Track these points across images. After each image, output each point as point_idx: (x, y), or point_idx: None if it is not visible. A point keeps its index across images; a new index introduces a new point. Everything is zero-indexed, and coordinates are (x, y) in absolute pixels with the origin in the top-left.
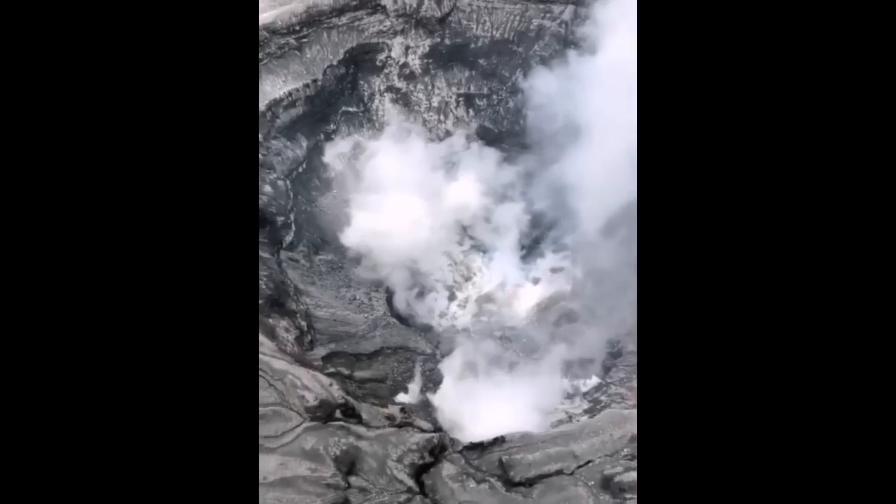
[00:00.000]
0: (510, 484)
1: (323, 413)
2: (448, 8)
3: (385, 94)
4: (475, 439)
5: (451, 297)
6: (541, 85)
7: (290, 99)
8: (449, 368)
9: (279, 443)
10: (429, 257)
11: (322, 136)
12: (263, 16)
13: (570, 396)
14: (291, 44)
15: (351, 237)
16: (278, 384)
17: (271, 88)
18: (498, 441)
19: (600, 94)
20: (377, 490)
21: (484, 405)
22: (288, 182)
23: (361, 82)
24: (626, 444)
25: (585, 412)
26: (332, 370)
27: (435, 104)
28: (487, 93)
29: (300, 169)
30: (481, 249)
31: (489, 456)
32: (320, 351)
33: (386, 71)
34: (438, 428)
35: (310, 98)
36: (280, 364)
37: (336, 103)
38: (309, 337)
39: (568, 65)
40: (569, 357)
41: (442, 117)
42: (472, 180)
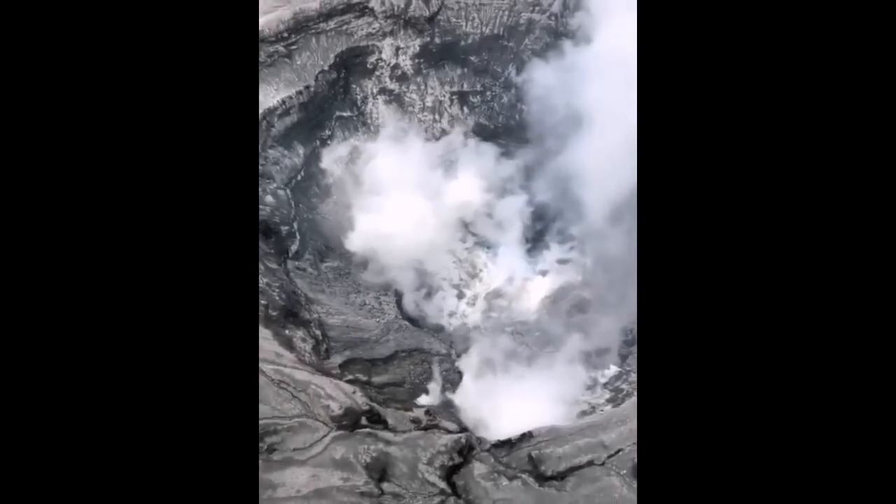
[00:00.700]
0: (542, 478)
1: (349, 421)
2: (436, 7)
3: (378, 97)
4: (501, 436)
5: (460, 296)
6: (538, 77)
7: (284, 107)
8: (466, 367)
9: (308, 454)
10: (434, 257)
11: (318, 143)
12: None
13: (591, 387)
14: (281, 51)
15: (355, 242)
16: (301, 395)
17: (264, 97)
18: (526, 437)
19: (599, 83)
20: (410, 494)
21: (506, 401)
22: (288, 191)
23: (353, 86)
24: None
25: (608, 401)
26: (351, 377)
27: (429, 104)
28: (481, 89)
29: (298, 177)
30: (486, 245)
31: (518, 452)
32: (337, 359)
33: (377, 73)
34: (464, 428)
35: (303, 105)
36: (302, 375)
37: (330, 109)
38: (324, 346)
39: (564, 55)
40: (585, 347)
41: (437, 116)
42: (472, 177)
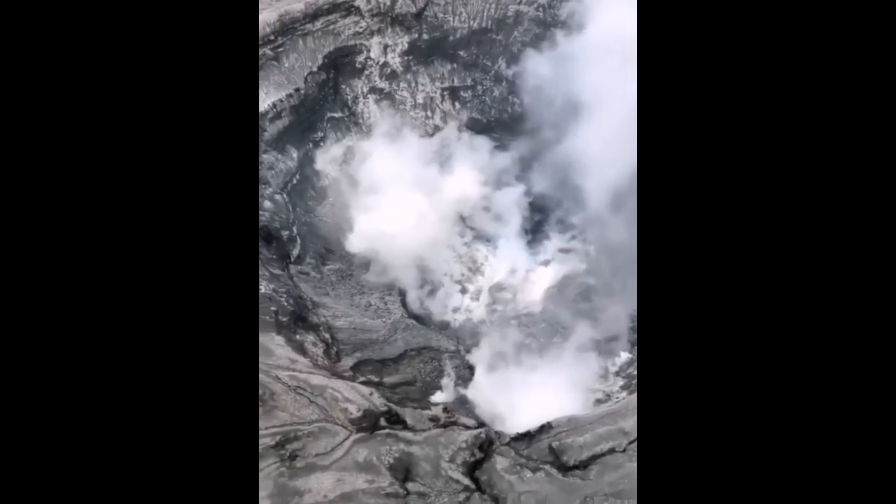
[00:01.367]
0: (565, 468)
1: (368, 423)
2: (423, 3)
3: (369, 96)
4: (518, 429)
5: (463, 291)
6: (533, 68)
7: (276, 110)
8: (477, 362)
9: (331, 459)
10: (435, 253)
11: (311, 145)
12: None
13: (603, 376)
14: (268, 54)
15: (355, 243)
16: (319, 400)
17: None
18: (545, 428)
19: (595, 70)
20: (435, 493)
21: (520, 394)
22: (284, 195)
23: (343, 86)
24: None
25: (622, 388)
26: (363, 379)
27: (420, 101)
28: (471, 84)
29: (294, 180)
30: (486, 239)
31: (538, 444)
32: (348, 361)
33: (367, 72)
34: (481, 423)
35: (294, 108)
36: (318, 380)
37: (321, 110)
38: (334, 349)
39: (557, 45)
40: (594, 335)
41: (429, 113)
42: (469, 172)
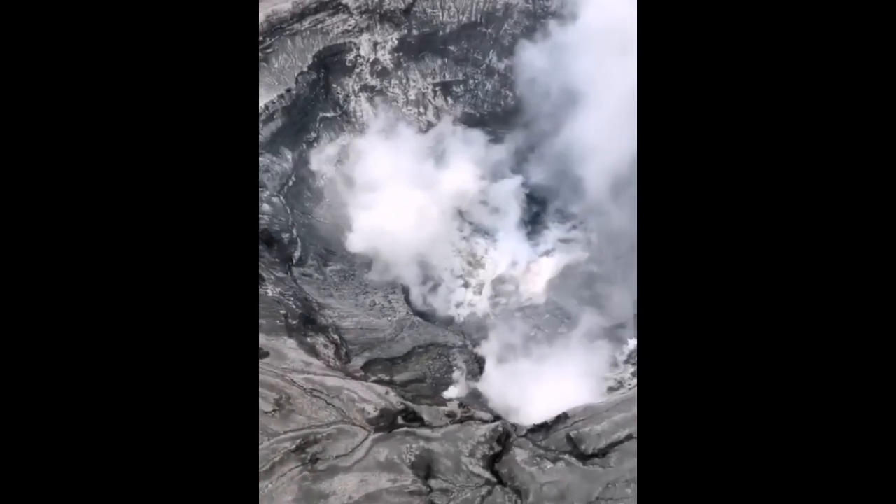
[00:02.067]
0: (584, 457)
1: (386, 422)
2: None
3: (360, 95)
4: (533, 421)
5: (466, 285)
6: (528, 59)
7: (268, 112)
8: (486, 356)
9: (353, 460)
10: (435, 249)
11: (304, 146)
12: None
13: (614, 364)
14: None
15: (355, 243)
16: (335, 401)
17: None
18: (561, 418)
19: (589, 58)
20: (458, 488)
21: (532, 385)
22: (281, 197)
23: (334, 85)
24: None
25: (634, 375)
26: (375, 378)
27: (412, 97)
28: (463, 78)
29: (290, 182)
30: (486, 232)
31: (555, 434)
32: (358, 361)
33: (357, 70)
34: (497, 416)
35: (286, 109)
36: (333, 381)
37: (313, 110)
38: (344, 350)
39: (551, 35)
40: (602, 323)
41: (422, 109)
42: (465, 166)
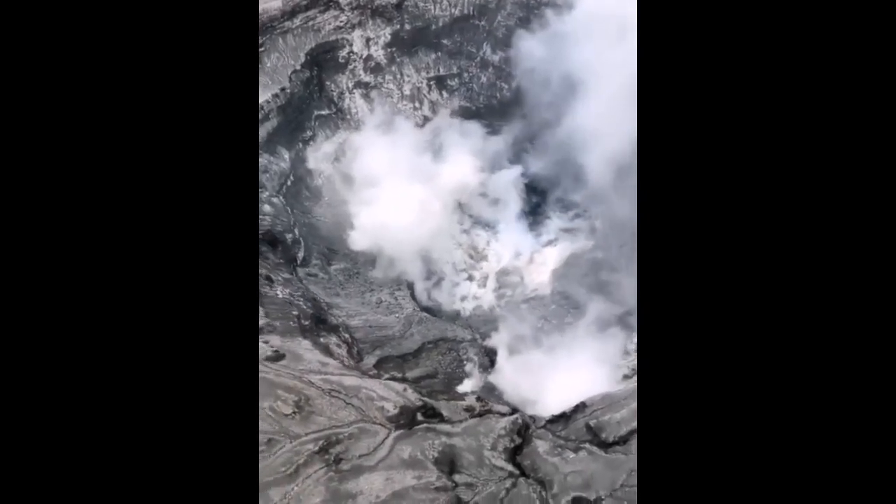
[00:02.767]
0: (605, 445)
1: (406, 419)
2: None
3: (354, 91)
4: (549, 411)
5: (470, 279)
6: (527, 50)
7: (263, 112)
8: (497, 349)
9: (376, 458)
10: (437, 243)
11: (301, 145)
12: None
13: (626, 352)
14: None
15: (358, 240)
16: (354, 401)
17: None
18: (579, 408)
19: (588, 46)
20: (482, 482)
21: (546, 376)
22: (281, 198)
23: (328, 83)
24: None
25: None
26: (388, 376)
27: (407, 92)
28: (457, 72)
29: (288, 182)
30: (487, 225)
31: (574, 424)
32: (370, 360)
33: (351, 67)
34: (514, 408)
35: (281, 108)
36: (350, 380)
37: (308, 109)
38: (355, 348)
39: (548, 25)
40: (612, 311)
41: (417, 104)
42: (464, 158)
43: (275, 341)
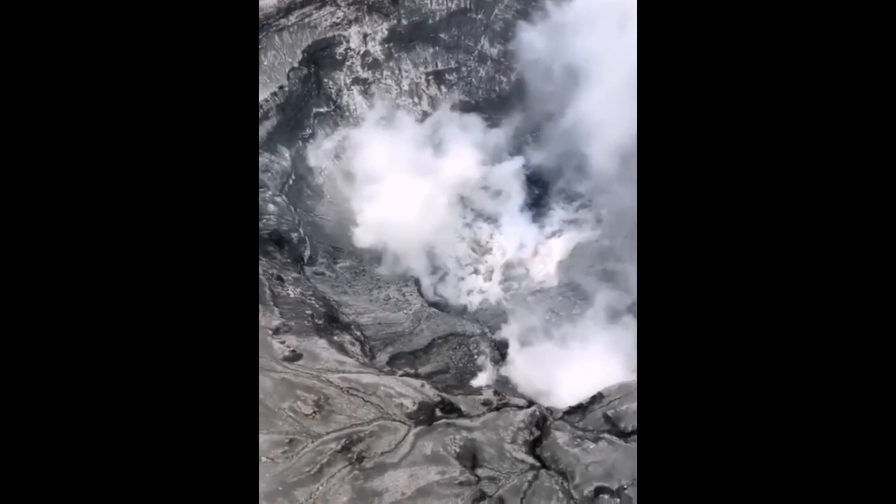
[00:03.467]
0: (624, 435)
1: (425, 415)
2: None
3: (352, 88)
4: (565, 402)
5: (476, 272)
6: (528, 41)
7: (262, 110)
8: (508, 342)
9: (399, 455)
10: (441, 238)
11: (301, 143)
12: None
13: None
14: None
15: (362, 237)
16: (373, 398)
17: None
18: (596, 398)
19: (590, 36)
20: (504, 475)
21: (559, 367)
22: (283, 196)
23: (325, 80)
24: None
25: None
26: (401, 373)
27: (406, 88)
28: (455, 66)
29: (290, 181)
30: (489, 218)
31: (592, 414)
32: (382, 357)
33: (348, 63)
34: (530, 401)
35: (280, 106)
36: (368, 378)
37: (306, 107)
38: (367, 346)
39: (549, 16)
40: (623, 300)
41: (416, 99)
42: (466, 151)
43: (291, 341)
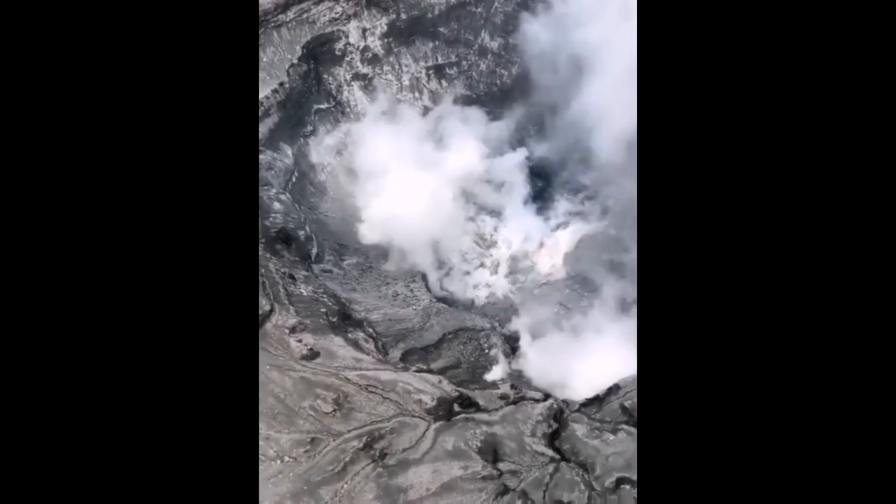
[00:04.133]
0: None
1: (444, 410)
2: None
3: (353, 83)
4: (579, 394)
5: (482, 266)
6: (531, 33)
7: (263, 108)
8: (520, 335)
9: (421, 451)
10: (447, 232)
11: (302, 140)
12: None
13: None
14: None
15: (367, 234)
16: (392, 395)
17: None
18: (613, 389)
19: (594, 27)
20: (526, 468)
21: (572, 359)
22: (288, 194)
23: (325, 76)
24: None
25: None
26: (415, 369)
27: (406, 83)
28: (456, 60)
29: (293, 178)
30: (492, 211)
31: (609, 406)
32: (395, 353)
33: (348, 59)
34: (546, 394)
35: (281, 103)
36: (386, 375)
37: (307, 103)
38: (379, 342)
39: (551, 7)
40: (630, 292)
41: (417, 94)
42: (469, 144)
43: (308, 339)
